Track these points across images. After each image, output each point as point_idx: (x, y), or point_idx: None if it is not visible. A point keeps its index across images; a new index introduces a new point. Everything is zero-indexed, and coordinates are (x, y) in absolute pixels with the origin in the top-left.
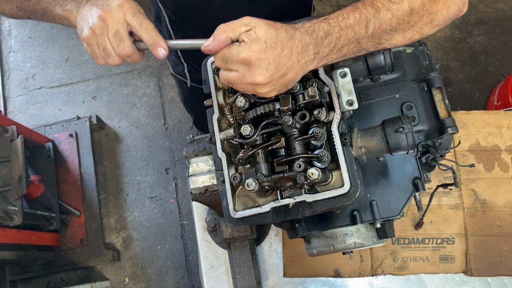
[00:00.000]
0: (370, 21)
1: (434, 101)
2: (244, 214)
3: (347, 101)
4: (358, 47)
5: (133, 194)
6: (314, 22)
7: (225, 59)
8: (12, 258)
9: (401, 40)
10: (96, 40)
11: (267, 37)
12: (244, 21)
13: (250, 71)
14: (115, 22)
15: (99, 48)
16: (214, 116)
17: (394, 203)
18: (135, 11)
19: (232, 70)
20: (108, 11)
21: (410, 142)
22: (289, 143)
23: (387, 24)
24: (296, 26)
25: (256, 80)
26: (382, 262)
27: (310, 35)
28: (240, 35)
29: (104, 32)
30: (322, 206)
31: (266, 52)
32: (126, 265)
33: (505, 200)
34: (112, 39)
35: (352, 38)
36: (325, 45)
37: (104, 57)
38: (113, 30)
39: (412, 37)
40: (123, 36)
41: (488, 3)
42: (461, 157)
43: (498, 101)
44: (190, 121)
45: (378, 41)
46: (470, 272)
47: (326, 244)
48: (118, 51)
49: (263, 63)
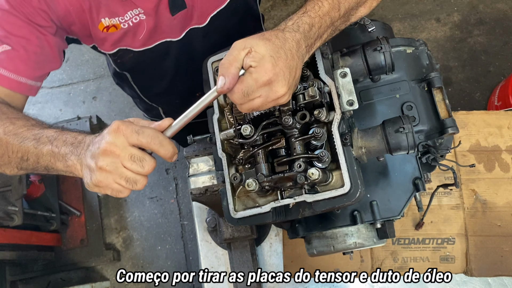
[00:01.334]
0: (341, 4)
1: (435, 101)
2: (244, 214)
3: (347, 101)
4: (333, 29)
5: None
6: (295, 18)
7: (245, 94)
8: (12, 258)
9: (365, 11)
10: (112, 177)
11: (269, 51)
12: (238, 46)
13: (272, 89)
14: (123, 149)
15: (120, 181)
16: (214, 116)
17: (394, 203)
18: (133, 129)
19: (254, 98)
20: (109, 144)
21: (410, 142)
22: (289, 143)
23: (353, 1)
24: (282, 28)
25: (279, 94)
26: (383, 262)
27: (297, 32)
28: (244, 61)
29: (118, 165)
30: (323, 206)
31: (277, 64)
32: (126, 265)
33: (506, 200)
34: (131, 165)
35: (329, 23)
36: (311, 37)
37: (130, 186)
38: (127, 157)
39: (372, 5)
40: (141, 156)
41: (488, 3)
42: (462, 157)
43: (498, 101)
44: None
45: (347, 18)
46: (471, 273)
47: (326, 244)
48: (146, 170)
49: (280, 75)
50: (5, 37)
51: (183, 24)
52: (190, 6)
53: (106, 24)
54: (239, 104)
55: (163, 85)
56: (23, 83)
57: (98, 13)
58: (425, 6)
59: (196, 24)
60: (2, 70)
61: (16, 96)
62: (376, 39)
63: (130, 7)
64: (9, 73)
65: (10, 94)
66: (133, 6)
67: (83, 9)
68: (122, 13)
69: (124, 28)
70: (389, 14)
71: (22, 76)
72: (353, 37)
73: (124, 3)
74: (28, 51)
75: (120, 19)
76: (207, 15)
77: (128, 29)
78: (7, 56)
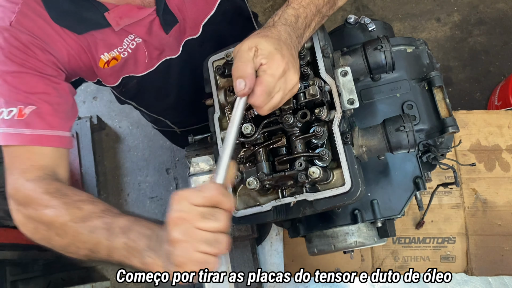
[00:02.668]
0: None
1: (435, 100)
2: (245, 213)
3: (348, 100)
4: (320, 16)
5: (133, 194)
6: (279, 13)
7: (268, 92)
8: (13, 258)
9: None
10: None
11: (273, 45)
12: (244, 48)
13: (287, 80)
14: (191, 210)
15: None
16: (215, 115)
17: (395, 202)
18: (193, 190)
19: (274, 95)
20: (175, 212)
21: (411, 141)
22: (290, 142)
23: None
24: (271, 24)
25: (294, 82)
26: (383, 261)
27: (286, 25)
28: (254, 61)
29: (191, 230)
30: (323, 205)
31: (284, 55)
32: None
33: (506, 199)
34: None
35: (315, 11)
36: (299, 28)
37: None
38: (198, 217)
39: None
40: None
41: (488, 3)
42: (462, 157)
43: (498, 101)
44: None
45: (333, 3)
46: (471, 272)
47: (327, 243)
48: (223, 223)
49: (290, 64)
50: (26, 98)
51: (178, 39)
52: (181, 19)
53: (106, 60)
54: (261, 106)
55: (169, 102)
56: (62, 137)
57: (96, 50)
58: (425, 6)
59: (190, 36)
60: (37, 130)
61: (59, 155)
62: (376, 38)
63: (124, 35)
64: (45, 131)
65: (54, 155)
66: (127, 33)
67: (83, 50)
68: (119, 43)
69: (124, 57)
70: (389, 14)
71: (58, 130)
72: (353, 36)
73: (118, 33)
74: (52, 104)
75: (119, 49)
76: (199, 24)
77: (128, 57)
78: (36, 115)
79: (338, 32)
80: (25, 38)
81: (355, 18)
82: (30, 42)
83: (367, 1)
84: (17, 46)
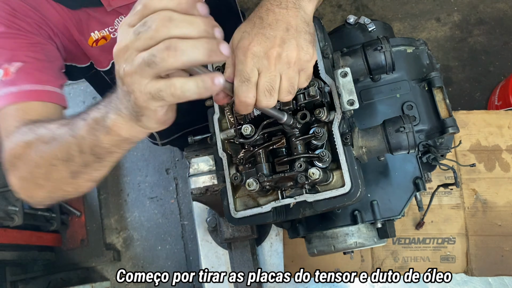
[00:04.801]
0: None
1: (435, 101)
2: (245, 214)
3: (348, 100)
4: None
5: (133, 194)
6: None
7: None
8: (13, 259)
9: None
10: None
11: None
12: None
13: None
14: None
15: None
16: (215, 116)
17: (395, 203)
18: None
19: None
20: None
21: (411, 142)
22: (290, 143)
23: None
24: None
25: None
26: (383, 262)
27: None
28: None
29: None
30: (323, 205)
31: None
32: (126, 265)
33: (506, 200)
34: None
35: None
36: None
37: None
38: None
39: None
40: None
41: (488, 3)
42: (462, 157)
43: (498, 101)
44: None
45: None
46: (471, 272)
47: (327, 244)
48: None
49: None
50: (12, 56)
51: None
52: None
53: (96, 38)
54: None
55: None
56: (52, 92)
57: (88, 27)
58: (425, 6)
59: None
60: (24, 86)
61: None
62: (376, 38)
63: (116, 15)
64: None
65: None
66: (119, 14)
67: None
68: (111, 22)
69: (113, 38)
70: (389, 14)
71: (47, 85)
72: (353, 37)
73: (110, 14)
74: (40, 60)
75: (110, 29)
76: None
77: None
78: (23, 71)
79: (338, 33)
80: (15, 1)
81: (355, 18)
82: (19, 6)
83: (367, 1)
84: (5, 9)
